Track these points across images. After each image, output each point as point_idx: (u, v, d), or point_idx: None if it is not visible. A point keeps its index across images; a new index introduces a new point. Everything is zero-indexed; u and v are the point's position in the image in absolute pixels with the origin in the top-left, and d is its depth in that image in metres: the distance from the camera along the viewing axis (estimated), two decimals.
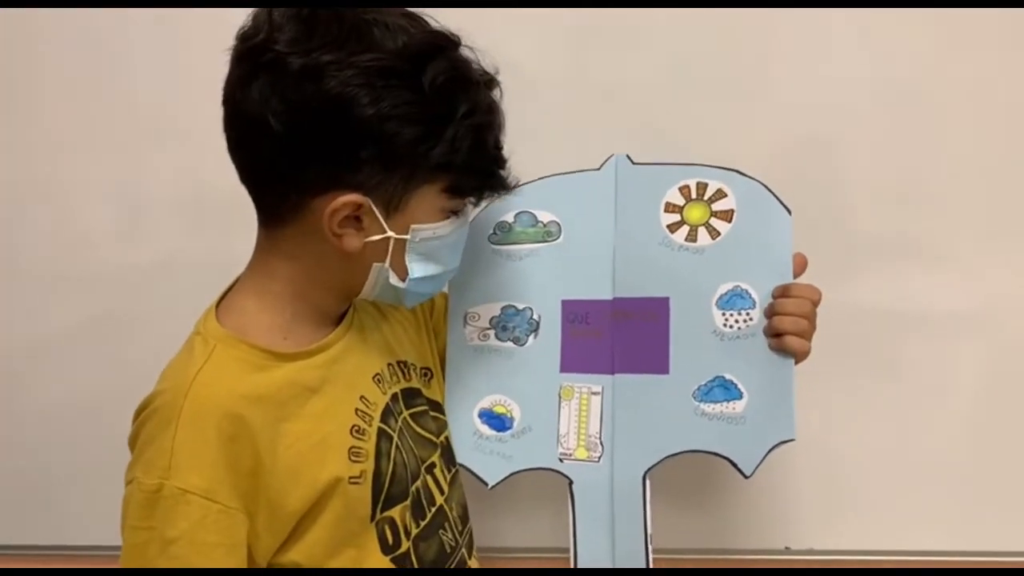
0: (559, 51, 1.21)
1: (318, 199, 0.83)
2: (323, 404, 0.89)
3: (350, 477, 0.88)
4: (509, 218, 1.07)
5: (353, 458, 0.89)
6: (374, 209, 0.84)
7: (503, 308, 1.07)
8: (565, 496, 1.03)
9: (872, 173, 1.15)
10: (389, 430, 0.94)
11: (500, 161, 0.90)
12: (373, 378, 0.96)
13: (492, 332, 1.07)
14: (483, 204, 0.95)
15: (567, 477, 1.03)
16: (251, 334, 0.87)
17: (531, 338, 1.06)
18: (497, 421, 1.05)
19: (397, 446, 0.94)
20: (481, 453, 1.04)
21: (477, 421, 1.05)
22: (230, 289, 0.92)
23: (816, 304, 0.97)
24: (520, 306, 1.07)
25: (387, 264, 0.88)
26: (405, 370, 1.01)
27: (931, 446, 1.19)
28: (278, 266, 0.89)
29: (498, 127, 0.89)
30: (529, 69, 1.18)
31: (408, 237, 0.87)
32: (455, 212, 0.89)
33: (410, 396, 1.00)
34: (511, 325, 1.06)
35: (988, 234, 1.13)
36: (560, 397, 1.04)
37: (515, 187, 0.94)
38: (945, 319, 1.15)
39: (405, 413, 0.98)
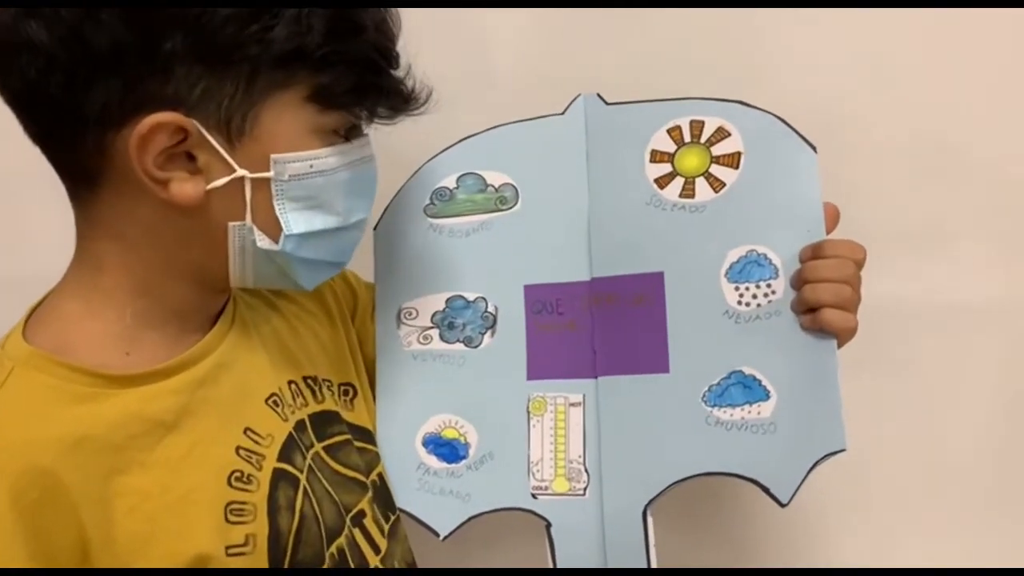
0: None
1: (124, 131, 0.59)
2: (184, 445, 0.63)
3: (229, 547, 0.63)
4: (449, 183, 0.83)
5: (233, 518, 0.64)
6: (204, 134, 0.60)
7: (448, 300, 0.82)
8: (542, 537, 0.77)
9: (883, 161, 0.99)
10: (293, 471, 0.69)
11: (386, 53, 0.65)
12: (267, 401, 0.70)
13: (435, 332, 0.82)
14: (382, 124, 0.70)
15: (543, 518, 0.77)
16: (74, 350, 0.62)
17: (486, 337, 0.81)
18: (447, 449, 0.80)
19: (306, 492, 0.69)
20: (428, 494, 0.79)
21: (421, 451, 0.80)
22: (49, 294, 0.67)
23: (860, 266, 0.73)
24: (470, 296, 0.82)
25: (248, 219, 0.63)
26: (316, 388, 0.75)
27: (948, 448, 1.03)
28: (104, 250, 0.64)
29: (380, 7, 0.65)
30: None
31: (270, 174, 0.62)
32: (339, 134, 0.66)
33: (324, 423, 0.74)
34: (460, 322, 0.81)
35: (1005, 224, 0.99)
36: (529, 412, 0.79)
37: (426, 100, 0.69)
38: (961, 313, 1.00)
39: (318, 446, 0.72)
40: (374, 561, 0.74)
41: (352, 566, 0.71)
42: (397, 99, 0.67)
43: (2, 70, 0.59)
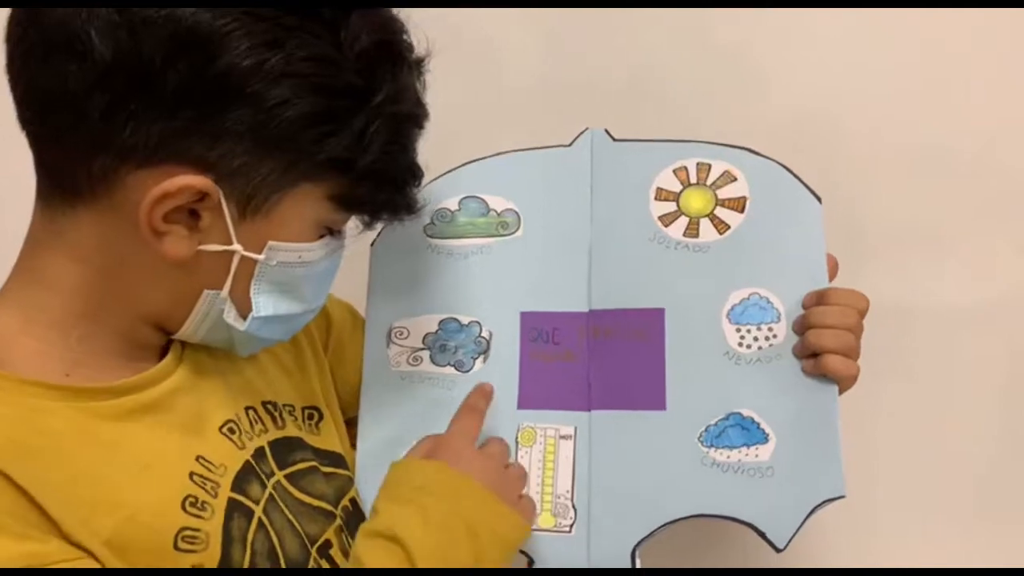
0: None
1: (141, 172, 0.56)
2: (135, 465, 0.59)
3: None
4: (451, 204, 0.81)
5: (184, 546, 0.59)
6: (223, 204, 0.58)
7: (441, 322, 0.79)
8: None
9: (881, 163, 1.00)
10: (248, 503, 0.64)
11: (415, 171, 0.66)
12: (221, 429, 0.66)
13: (426, 354, 0.79)
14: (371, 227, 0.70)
15: (525, 554, 0.74)
16: (10, 364, 0.57)
17: (478, 362, 0.78)
18: None
19: (261, 524, 0.64)
20: None
21: None
22: None
23: (863, 315, 0.73)
24: (464, 320, 0.79)
25: (224, 292, 0.61)
26: (275, 414, 0.71)
27: (946, 448, 1.02)
28: (59, 269, 0.60)
29: (421, 126, 0.66)
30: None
31: (262, 257, 0.60)
32: (332, 231, 0.65)
33: (285, 449, 0.70)
34: (452, 344, 0.79)
35: (1004, 225, 1.00)
36: (518, 442, 0.77)
37: (419, 209, 0.69)
38: (959, 314, 1.01)
39: (279, 475, 0.68)
40: None
41: None
42: (404, 211, 0.67)
43: (41, 64, 0.55)
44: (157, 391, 0.63)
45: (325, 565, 0.68)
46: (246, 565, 0.62)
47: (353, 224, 0.68)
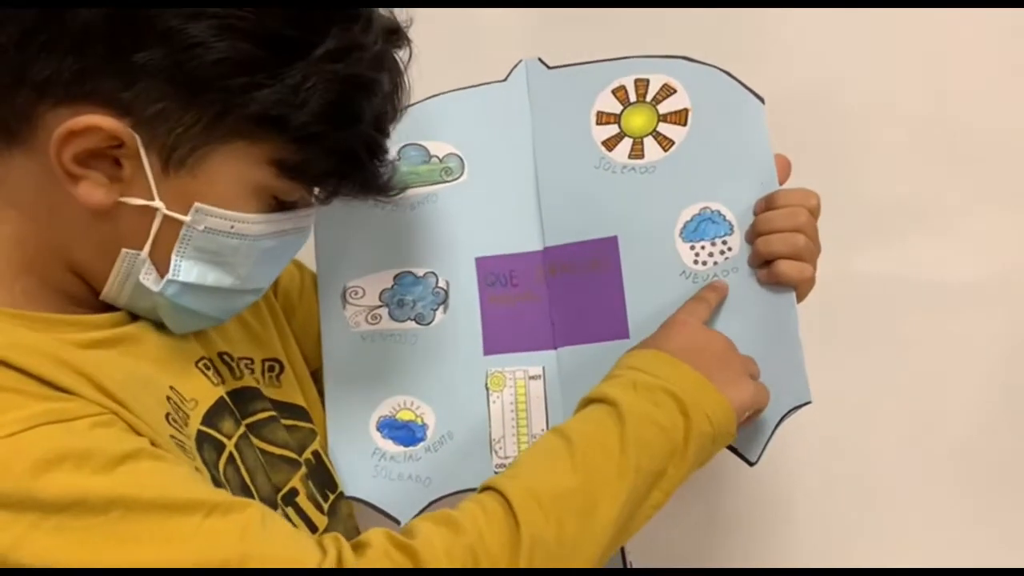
0: None
1: (60, 110, 0.54)
2: (114, 383, 0.57)
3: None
4: (391, 154, 0.79)
5: (177, 448, 0.59)
6: (141, 152, 0.55)
7: (396, 277, 0.79)
8: None
9: (878, 134, 0.97)
10: (219, 436, 0.64)
11: (373, 146, 0.61)
12: (197, 364, 0.66)
13: (384, 311, 0.78)
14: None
15: None
16: None
17: (439, 313, 0.78)
18: (404, 432, 0.77)
19: (232, 458, 0.64)
20: (386, 480, 0.75)
21: (376, 436, 0.77)
22: None
23: (814, 213, 0.71)
24: (419, 272, 0.78)
25: (144, 252, 0.59)
26: (232, 365, 0.70)
27: (945, 428, 1.00)
28: None
29: (385, 96, 0.60)
30: None
31: (187, 219, 0.58)
32: (283, 204, 0.61)
33: (244, 400, 0.69)
34: (410, 299, 0.78)
35: (1003, 203, 0.97)
36: (488, 388, 0.76)
37: (397, 193, 0.66)
38: (959, 291, 0.98)
39: (241, 423, 0.67)
40: None
41: None
42: (367, 189, 0.63)
43: None
44: (119, 331, 0.62)
45: (291, 513, 0.68)
46: None
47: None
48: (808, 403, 0.69)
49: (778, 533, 1.03)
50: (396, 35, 0.61)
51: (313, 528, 0.70)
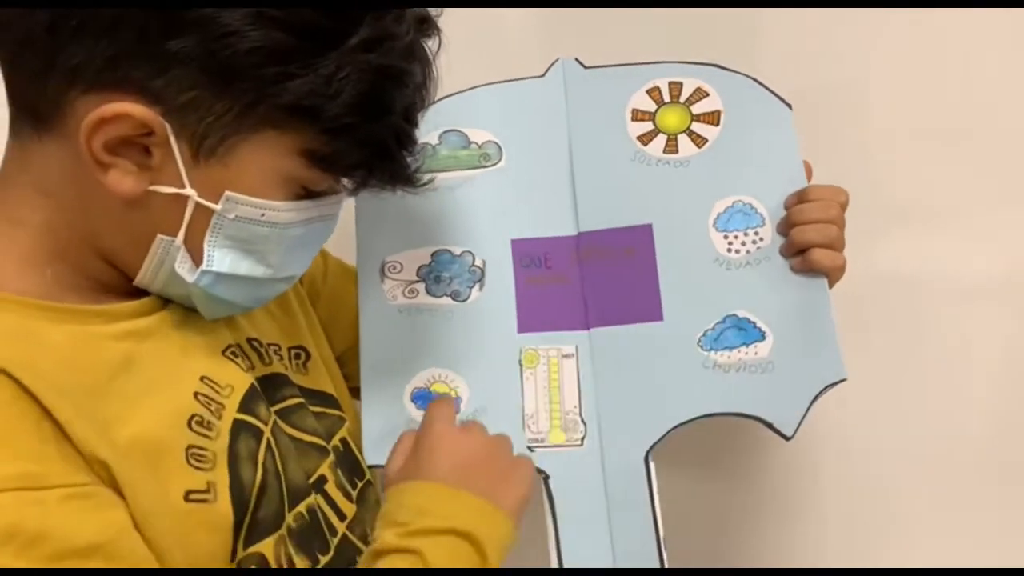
0: None
1: (90, 97, 0.54)
2: (139, 384, 0.57)
3: (189, 492, 0.57)
4: (433, 139, 0.81)
5: (195, 463, 0.58)
6: (172, 140, 0.55)
7: (434, 254, 0.80)
8: (539, 493, 0.74)
9: (895, 137, 1.00)
10: (258, 423, 0.63)
11: (403, 138, 0.61)
12: (225, 351, 0.65)
13: (421, 286, 0.79)
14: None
15: (541, 471, 0.75)
16: None
17: (475, 291, 0.79)
18: None
19: (269, 447, 0.63)
20: None
21: (411, 407, 0.77)
22: None
23: (844, 207, 0.76)
24: (457, 250, 0.80)
25: (179, 239, 0.59)
26: (261, 351, 0.70)
27: (957, 422, 1.02)
28: (26, 204, 0.58)
29: (416, 87, 0.61)
30: None
31: (218, 207, 0.57)
32: (311, 193, 0.61)
33: (273, 386, 0.69)
34: (446, 275, 0.79)
35: (1016, 199, 1.00)
36: (521, 365, 0.77)
37: (424, 184, 0.66)
38: (977, 288, 1.00)
39: (272, 410, 0.67)
40: (340, 527, 0.69)
41: (319, 534, 0.66)
42: (395, 180, 0.63)
43: None
44: (149, 320, 0.61)
45: (321, 500, 0.68)
46: (257, 484, 0.61)
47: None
48: (844, 380, 0.72)
49: (795, 531, 1.04)
50: (427, 24, 0.61)
51: (342, 516, 0.70)
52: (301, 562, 0.64)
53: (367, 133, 0.58)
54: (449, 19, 0.65)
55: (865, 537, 1.03)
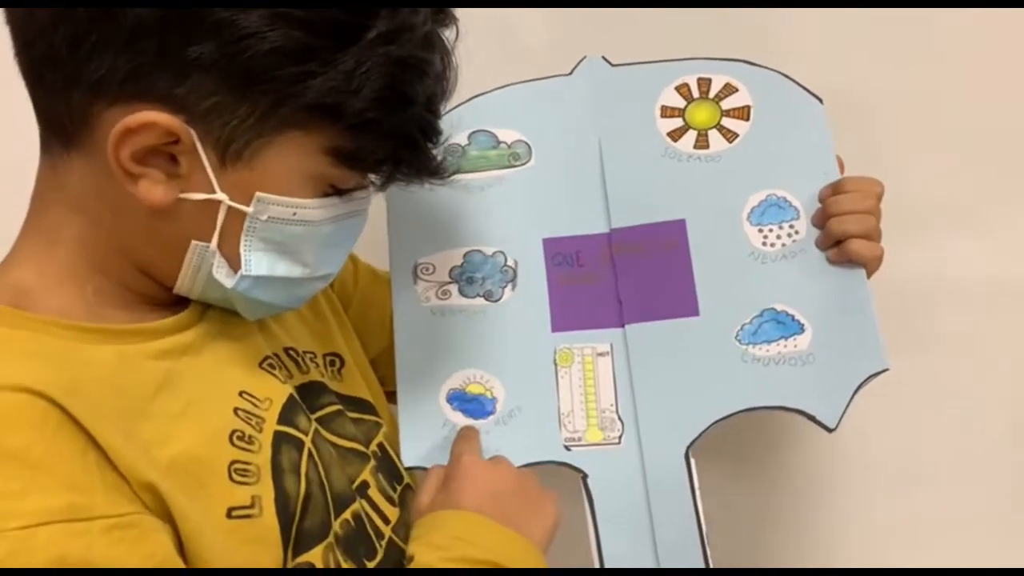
0: None
1: (115, 109, 0.54)
2: (179, 402, 0.57)
3: (232, 509, 0.56)
4: (462, 139, 0.81)
5: (238, 478, 0.57)
6: (198, 147, 0.55)
7: (466, 255, 0.79)
8: (578, 493, 0.73)
9: (917, 137, 0.99)
10: (298, 434, 0.63)
11: (427, 129, 0.61)
12: (262, 364, 0.65)
13: (454, 287, 0.78)
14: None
15: (578, 470, 0.74)
16: (38, 309, 0.56)
17: (507, 291, 0.78)
18: (474, 405, 0.76)
19: (311, 455, 0.63)
20: None
21: (447, 408, 0.76)
22: None
23: (879, 198, 0.75)
24: (489, 251, 0.79)
25: (213, 244, 0.59)
26: (299, 360, 0.70)
27: (976, 427, 1.01)
28: (61, 222, 0.58)
29: (436, 76, 0.60)
30: None
31: (250, 210, 0.57)
32: (339, 190, 0.60)
33: (311, 395, 0.68)
34: (479, 276, 0.79)
35: None
36: (556, 364, 0.77)
37: (451, 175, 0.66)
38: (996, 289, 1.00)
39: (312, 418, 0.67)
40: (386, 531, 0.69)
41: (366, 539, 0.66)
42: (422, 172, 0.63)
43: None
44: (187, 336, 0.61)
45: (366, 506, 0.67)
46: (302, 496, 0.60)
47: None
48: (886, 370, 0.71)
49: (817, 529, 1.03)
50: (443, 14, 0.61)
51: (386, 520, 0.69)
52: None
53: (391, 126, 0.58)
54: (473, 20, 0.64)
55: (884, 538, 1.03)
